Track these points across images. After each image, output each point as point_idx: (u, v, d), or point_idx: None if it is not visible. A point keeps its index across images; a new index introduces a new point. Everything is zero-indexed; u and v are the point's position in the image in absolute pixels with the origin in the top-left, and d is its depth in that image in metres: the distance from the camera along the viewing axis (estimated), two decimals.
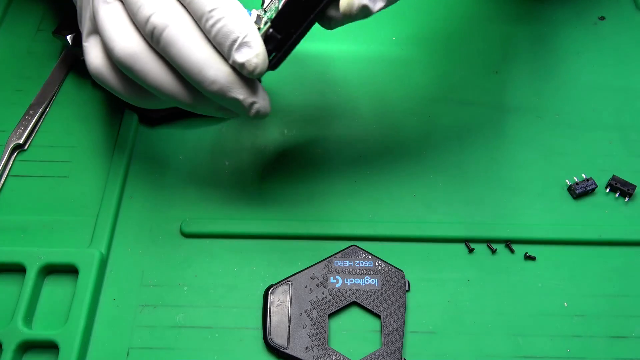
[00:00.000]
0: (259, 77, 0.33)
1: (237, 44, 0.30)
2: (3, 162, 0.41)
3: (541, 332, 0.36)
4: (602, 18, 0.51)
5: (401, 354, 0.35)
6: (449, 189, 0.41)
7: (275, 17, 0.31)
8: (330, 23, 0.32)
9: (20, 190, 0.41)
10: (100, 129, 0.43)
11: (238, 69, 0.30)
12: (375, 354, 0.35)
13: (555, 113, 0.45)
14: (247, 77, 0.31)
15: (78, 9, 0.35)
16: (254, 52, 0.30)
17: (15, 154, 0.42)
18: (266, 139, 0.43)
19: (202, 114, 0.34)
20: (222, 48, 0.30)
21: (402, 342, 0.35)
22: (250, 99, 0.32)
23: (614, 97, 0.46)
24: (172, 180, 0.41)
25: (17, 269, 0.37)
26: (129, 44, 0.31)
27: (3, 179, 0.41)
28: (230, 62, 0.30)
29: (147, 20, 0.30)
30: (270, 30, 0.31)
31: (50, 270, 0.37)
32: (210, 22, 0.30)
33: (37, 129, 0.43)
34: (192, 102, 0.33)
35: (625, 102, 0.46)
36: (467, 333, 0.36)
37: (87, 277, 0.36)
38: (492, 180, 0.42)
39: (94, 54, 0.33)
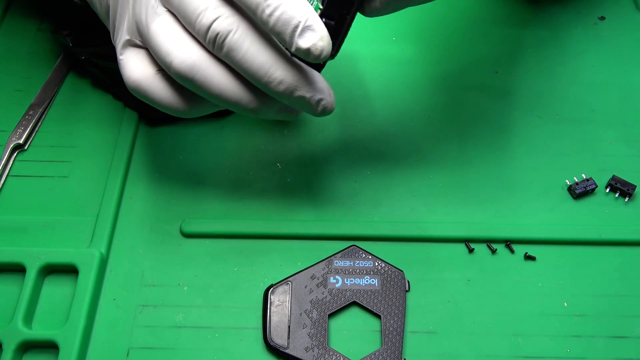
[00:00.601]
0: (324, 62, 0.32)
1: (299, 29, 0.28)
2: (3, 162, 0.41)
3: (541, 332, 0.36)
4: (602, 18, 0.51)
5: (401, 354, 0.35)
6: (449, 189, 0.41)
7: (326, 5, 0.30)
8: (371, 10, 0.33)
9: (20, 190, 0.41)
10: (100, 129, 0.43)
11: (302, 57, 0.29)
12: (375, 354, 0.35)
13: (555, 113, 0.45)
14: (311, 74, 0.31)
15: (111, 21, 0.34)
16: (318, 35, 0.28)
17: (15, 154, 0.42)
18: (266, 139, 0.43)
19: (264, 118, 0.33)
20: (283, 37, 0.29)
21: (402, 342, 0.35)
22: (317, 96, 0.32)
23: (614, 96, 0.46)
24: (172, 180, 0.41)
25: (17, 269, 0.37)
26: (188, 55, 0.30)
27: (3, 179, 0.41)
28: (294, 49, 0.29)
29: (209, 27, 0.29)
30: (323, 19, 0.30)
31: (50, 270, 0.37)
32: (268, 11, 0.28)
33: (37, 129, 0.43)
34: (255, 106, 0.32)
35: (625, 102, 0.46)
36: (467, 333, 0.36)
37: (87, 277, 0.36)
38: (492, 180, 0.42)
39: (133, 66, 0.32)
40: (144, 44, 0.32)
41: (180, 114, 0.33)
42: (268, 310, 0.36)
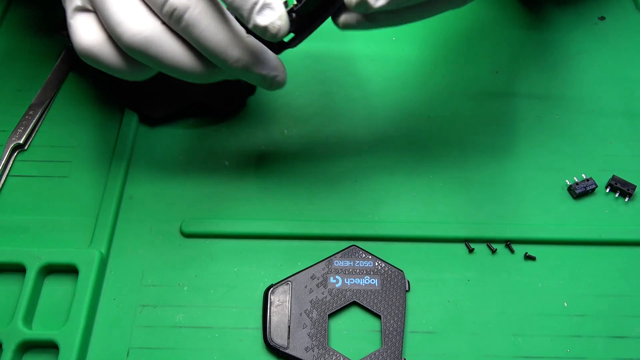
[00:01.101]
0: (281, 46, 0.32)
1: (258, 6, 0.28)
2: (3, 162, 0.41)
3: (541, 332, 0.36)
4: (602, 18, 0.51)
5: (401, 354, 0.35)
6: (449, 189, 0.41)
7: (302, 4, 0.30)
8: (344, 25, 0.32)
9: (20, 190, 0.41)
10: (100, 128, 0.43)
11: (259, 34, 0.29)
12: (375, 354, 0.35)
13: (555, 113, 0.45)
14: (265, 52, 0.31)
15: None
16: (276, 15, 0.28)
17: (15, 154, 0.42)
18: (266, 139, 0.43)
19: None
20: (241, 12, 0.28)
21: (402, 342, 0.35)
22: (272, 73, 0.32)
23: (614, 96, 0.46)
24: (172, 180, 0.41)
25: (17, 269, 0.37)
26: (140, 28, 0.29)
27: (3, 179, 0.41)
28: (251, 25, 0.29)
29: (165, 2, 0.29)
30: (293, 15, 0.31)
31: (50, 270, 0.37)
32: None
33: (37, 129, 0.43)
34: (206, 75, 0.32)
35: (625, 102, 0.46)
36: (467, 333, 0.36)
37: (87, 277, 0.36)
38: (492, 180, 0.42)
39: (83, 32, 0.31)
40: (96, 10, 0.31)
41: (129, 77, 0.33)
42: (268, 310, 0.36)
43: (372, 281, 0.37)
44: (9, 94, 0.45)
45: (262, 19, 0.28)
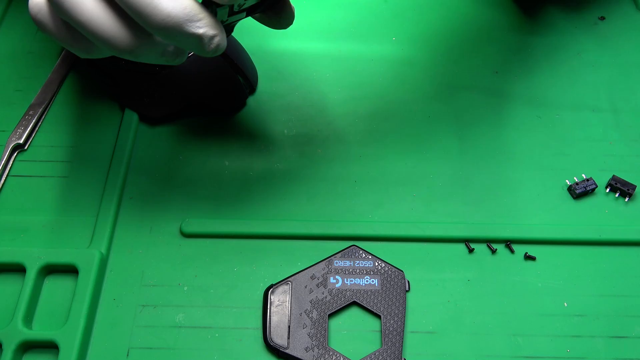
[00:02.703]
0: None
1: None
2: (3, 162, 0.41)
3: (541, 332, 0.36)
4: (602, 18, 0.51)
5: (401, 354, 0.35)
6: (449, 189, 0.41)
7: None
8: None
9: (20, 190, 0.41)
10: (100, 128, 0.43)
11: None
12: (375, 354, 0.35)
13: (555, 113, 0.45)
14: (200, 9, 0.27)
15: None
16: None
17: (15, 154, 0.42)
18: (266, 139, 0.43)
19: (146, 63, 0.30)
20: None
21: (402, 342, 0.35)
22: (211, 32, 0.27)
23: (614, 97, 0.46)
24: (172, 180, 0.41)
25: (17, 269, 0.37)
26: None
27: (3, 179, 0.41)
28: None
29: None
30: None
31: (50, 270, 0.37)
32: None
33: (37, 129, 0.43)
34: (133, 46, 0.28)
35: (626, 102, 0.46)
36: (467, 333, 0.36)
37: (87, 277, 0.36)
38: (492, 180, 0.42)
39: None
40: None
41: (79, 53, 0.30)
42: (268, 310, 0.36)
43: (372, 281, 0.37)
44: (9, 94, 0.45)
45: None
